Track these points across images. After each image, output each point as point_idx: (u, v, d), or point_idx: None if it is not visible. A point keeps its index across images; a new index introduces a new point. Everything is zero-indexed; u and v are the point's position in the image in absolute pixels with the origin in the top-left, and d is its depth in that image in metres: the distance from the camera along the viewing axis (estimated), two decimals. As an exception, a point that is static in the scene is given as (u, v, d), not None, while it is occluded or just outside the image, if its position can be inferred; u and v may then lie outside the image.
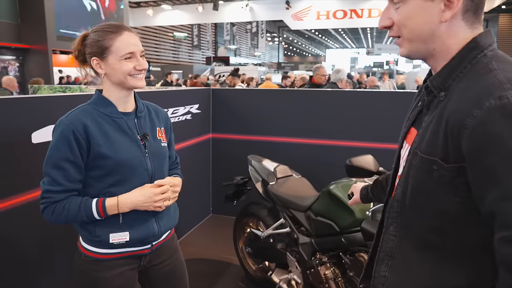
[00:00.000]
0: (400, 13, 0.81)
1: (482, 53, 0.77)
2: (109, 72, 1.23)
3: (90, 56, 1.24)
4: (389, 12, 0.84)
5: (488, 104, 0.68)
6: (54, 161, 1.19)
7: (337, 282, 1.88)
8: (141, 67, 1.23)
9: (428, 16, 0.78)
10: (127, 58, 1.21)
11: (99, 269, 1.27)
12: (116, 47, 1.20)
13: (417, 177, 0.82)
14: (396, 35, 0.85)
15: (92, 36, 1.23)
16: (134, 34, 1.25)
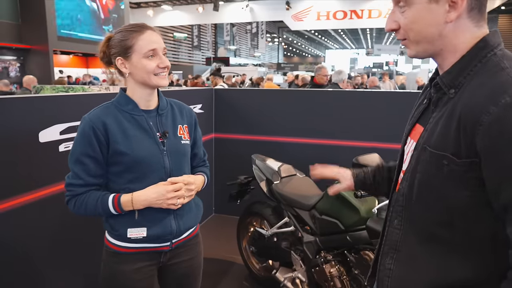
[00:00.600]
0: (407, 16, 0.83)
1: (492, 52, 0.79)
2: (133, 71, 1.25)
3: (114, 56, 1.26)
4: (395, 15, 0.85)
5: (504, 101, 0.70)
6: (76, 156, 1.23)
7: (342, 280, 1.90)
8: (163, 64, 1.24)
9: (434, 18, 0.80)
10: (150, 56, 1.22)
11: (119, 261, 1.30)
12: (139, 45, 1.22)
13: (425, 171, 0.83)
14: (402, 37, 0.86)
15: (116, 37, 1.25)
16: (156, 33, 1.26)
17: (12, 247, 1.79)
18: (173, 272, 1.41)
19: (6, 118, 1.72)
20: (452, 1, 0.78)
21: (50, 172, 1.97)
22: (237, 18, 20.36)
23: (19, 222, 1.80)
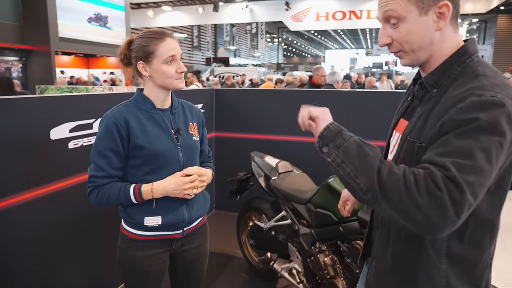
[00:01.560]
0: (401, 30, 0.92)
1: (470, 58, 0.92)
2: (154, 75, 1.36)
3: (136, 60, 1.37)
4: (387, 31, 0.95)
5: (470, 99, 0.82)
6: (99, 150, 1.34)
7: (335, 269, 2.02)
8: (181, 69, 1.37)
9: (425, 28, 0.91)
10: (169, 62, 1.34)
11: (134, 247, 1.42)
12: (160, 52, 1.33)
13: (406, 157, 0.96)
14: (397, 50, 0.96)
15: (138, 41, 1.37)
16: (175, 40, 1.38)
17: (26, 238, 1.90)
18: (182, 258, 1.53)
19: (21, 117, 1.83)
20: (439, 12, 0.89)
21: (60, 168, 2.09)
22: (236, 18, 20.46)
23: (32, 214, 1.92)
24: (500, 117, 0.79)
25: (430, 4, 0.89)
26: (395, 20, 0.92)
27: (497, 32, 27.02)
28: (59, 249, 2.11)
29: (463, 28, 23.70)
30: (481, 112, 0.79)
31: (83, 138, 2.21)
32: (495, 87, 0.82)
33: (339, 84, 4.90)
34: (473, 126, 0.79)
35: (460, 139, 0.79)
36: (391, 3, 0.91)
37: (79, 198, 2.22)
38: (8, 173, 1.79)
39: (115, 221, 2.41)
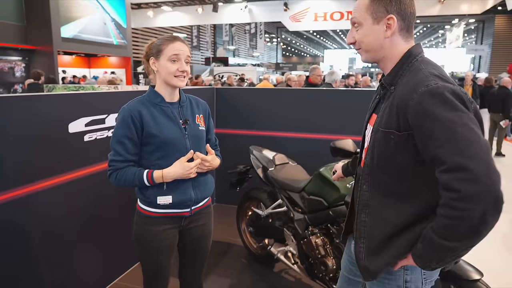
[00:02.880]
0: (359, 33, 1.19)
1: (415, 59, 1.15)
2: (159, 70, 1.58)
3: (150, 56, 1.61)
4: (352, 33, 1.22)
5: (421, 90, 1.04)
6: (117, 138, 1.55)
7: (326, 249, 2.23)
8: (182, 69, 1.57)
9: (377, 35, 1.16)
10: (173, 60, 1.55)
11: (148, 223, 1.63)
12: (167, 50, 1.56)
13: (380, 146, 1.17)
14: (358, 47, 1.22)
15: (155, 42, 1.61)
16: (184, 44, 1.59)
17: (46, 222, 2.12)
18: (190, 235, 1.74)
19: (43, 111, 2.05)
20: (387, 23, 1.13)
21: (77, 159, 2.30)
22: (236, 19, 20.63)
23: (52, 201, 2.13)
24: (446, 95, 1.01)
25: (381, 16, 1.14)
26: (357, 25, 1.19)
27: (494, 32, 27.21)
28: (76, 231, 2.33)
29: (460, 28, 23.86)
30: (434, 98, 1.01)
31: (96, 132, 2.42)
32: (434, 77, 1.05)
33: (337, 83, 5.12)
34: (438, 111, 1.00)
35: (438, 127, 1.00)
36: (356, 12, 1.19)
37: (94, 186, 2.44)
38: (31, 163, 2.00)
39: (125, 207, 2.65)
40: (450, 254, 1.04)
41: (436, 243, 1.02)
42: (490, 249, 3.49)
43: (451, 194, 0.97)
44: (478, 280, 1.67)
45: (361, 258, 1.24)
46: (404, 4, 1.14)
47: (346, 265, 1.49)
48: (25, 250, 2.00)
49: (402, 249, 1.15)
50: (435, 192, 1.04)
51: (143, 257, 1.70)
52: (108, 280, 2.67)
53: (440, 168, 1.00)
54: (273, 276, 2.87)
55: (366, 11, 1.15)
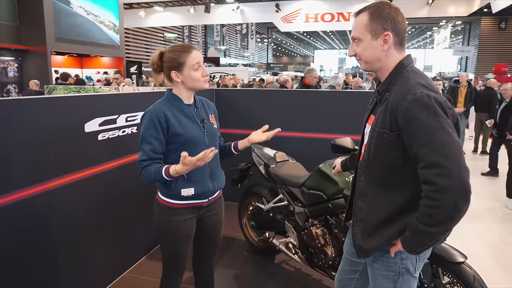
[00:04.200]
0: (360, 47, 1.38)
1: (405, 69, 1.34)
2: (185, 80, 1.73)
3: (169, 69, 1.73)
4: (353, 47, 1.40)
5: (409, 98, 1.23)
6: (146, 138, 1.69)
7: (325, 239, 2.41)
8: (205, 73, 1.74)
9: (375, 49, 1.35)
10: (196, 68, 1.71)
11: (171, 213, 1.78)
12: (189, 62, 1.70)
13: (376, 143, 1.36)
14: (358, 59, 1.41)
15: (169, 55, 1.73)
16: (197, 50, 1.74)
17: (62, 216, 2.26)
18: (205, 223, 1.91)
19: (62, 112, 2.19)
20: (384, 39, 1.32)
21: (92, 156, 2.44)
22: (228, 19, 20.76)
23: (70, 196, 2.27)
24: (430, 103, 1.20)
25: (379, 33, 1.33)
26: (357, 41, 1.38)
27: (480, 34, 27.82)
28: (90, 226, 2.48)
29: (447, 30, 24.37)
30: (419, 106, 1.20)
31: (109, 131, 2.57)
32: (421, 87, 1.24)
33: (340, 86, 5.36)
34: (422, 117, 1.19)
35: (420, 130, 1.19)
36: (355, 30, 1.37)
37: (107, 183, 2.58)
38: (51, 160, 2.14)
39: (135, 203, 2.82)
40: (431, 238, 1.25)
41: (420, 229, 1.23)
42: (473, 237, 3.72)
43: (429, 187, 1.17)
44: (462, 262, 1.87)
45: (357, 238, 1.44)
46: (398, 22, 1.33)
47: (348, 248, 1.67)
48: (45, 242, 2.13)
49: (392, 235, 1.35)
50: (418, 185, 1.24)
51: (165, 245, 1.86)
52: (118, 272, 2.81)
53: (420, 165, 1.21)
54: (274, 266, 3.04)
55: (365, 28, 1.34)
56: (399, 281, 1.40)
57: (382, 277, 1.43)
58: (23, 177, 1.97)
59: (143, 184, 2.86)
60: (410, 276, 1.41)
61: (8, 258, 1.92)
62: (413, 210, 1.28)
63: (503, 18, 25.51)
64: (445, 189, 1.14)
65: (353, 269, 1.67)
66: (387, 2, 1.36)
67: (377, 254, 1.43)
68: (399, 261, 1.39)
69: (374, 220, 1.39)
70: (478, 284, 1.84)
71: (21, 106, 1.94)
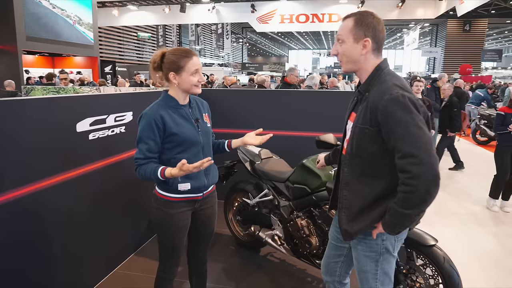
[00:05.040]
0: (342, 48, 1.54)
1: (383, 72, 1.52)
2: (181, 83, 1.83)
3: (168, 70, 1.83)
4: (337, 47, 1.57)
5: (386, 97, 1.40)
6: (143, 138, 1.78)
7: (310, 229, 2.58)
8: (201, 80, 1.85)
9: (355, 51, 1.52)
10: (194, 74, 1.82)
11: (169, 207, 1.89)
12: (188, 67, 1.81)
13: (357, 137, 1.52)
14: (340, 59, 1.58)
15: (170, 57, 1.82)
16: (198, 57, 1.85)
17: (55, 214, 2.32)
18: (200, 216, 2.03)
19: (54, 113, 2.25)
20: (364, 44, 1.49)
21: (83, 155, 2.51)
22: (203, 19, 20.73)
23: (60, 195, 2.33)
24: (405, 102, 1.37)
25: (360, 38, 1.50)
26: (341, 41, 1.55)
27: (447, 35, 28.99)
28: (82, 223, 2.54)
29: (416, 32, 25.29)
30: (396, 105, 1.37)
31: (99, 131, 2.63)
32: (397, 87, 1.42)
33: (317, 86, 5.59)
34: (398, 114, 1.37)
35: (397, 125, 1.37)
36: (341, 31, 1.54)
37: (98, 181, 2.65)
38: (44, 160, 2.19)
39: (124, 200, 2.91)
40: (408, 219, 1.43)
41: (398, 212, 1.41)
42: (443, 223, 4.00)
43: (405, 174, 1.36)
44: (434, 245, 2.08)
45: (343, 224, 1.61)
46: (378, 31, 1.50)
47: (333, 234, 1.83)
48: (37, 240, 2.18)
49: (374, 219, 1.52)
50: (395, 173, 1.41)
51: (162, 236, 1.96)
52: (109, 269, 2.88)
53: (397, 155, 1.39)
54: (260, 258, 3.19)
55: (349, 32, 1.51)
56: (380, 260, 1.58)
57: (365, 257, 1.60)
58: (18, 177, 2.02)
59: (131, 182, 2.96)
60: (390, 256, 1.59)
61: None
62: (391, 196, 1.45)
63: (467, 20, 26.68)
64: (418, 176, 1.32)
65: (338, 253, 1.84)
66: (371, 13, 1.53)
67: (360, 237, 1.59)
68: (380, 242, 1.56)
69: (358, 206, 1.55)
70: (448, 264, 2.05)
71: (16, 107, 1.99)
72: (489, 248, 3.63)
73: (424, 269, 2.16)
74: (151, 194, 1.98)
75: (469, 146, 8.78)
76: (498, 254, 3.50)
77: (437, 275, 2.09)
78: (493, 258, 3.42)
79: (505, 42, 50.01)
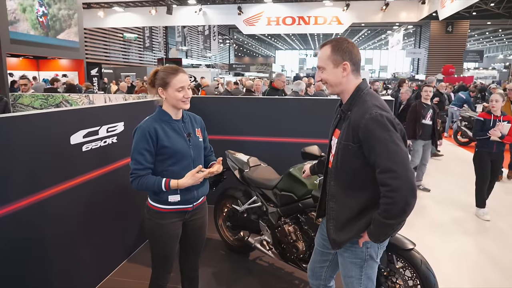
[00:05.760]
0: (324, 74, 1.67)
1: (362, 92, 1.65)
2: (168, 98, 1.95)
3: (157, 86, 1.95)
4: (319, 74, 1.70)
5: (367, 116, 1.53)
6: (138, 150, 1.89)
7: (296, 235, 2.70)
8: (187, 96, 1.94)
9: (337, 75, 1.65)
10: (180, 90, 1.93)
11: (160, 217, 1.99)
12: (174, 83, 1.92)
13: (342, 153, 1.65)
14: (325, 83, 1.70)
15: (160, 73, 1.94)
16: (185, 74, 1.95)
17: (52, 224, 2.39)
18: (190, 226, 2.13)
19: (50, 127, 2.32)
20: (343, 67, 1.62)
21: (77, 167, 2.58)
22: (190, 21, 20.72)
23: (57, 205, 2.40)
24: (383, 121, 1.50)
25: (339, 63, 1.63)
26: (322, 69, 1.68)
27: (430, 36, 29.59)
28: (76, 232, 2.61)
29: (400, 33, 25.77)
30: (375, 123, 1.50)
31: (92, 142, 2.70)
32: (376, 107, 1.55)
33: (303, 92, 5.74)
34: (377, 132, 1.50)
35: (376, 142, 1.50)
36: (320, 60, 1.67)
37: (91, 191, 2.73)
38: (42, 173, 2.26)
39: (116, 208, 2.99)
40: (390, 228, 1.56)
41: (381, 222, 1.54)
42: (421, 229, 4.19)
43: (385, 188, 1.49)
44: (412, 249, 2.22)
45: (331, 233, 1.73)
46: (354, 54, 1.64)
47: (319, 241, 1.96)
48: (34, 248, 2.26)
49: (360, 229, 1.65)
50: (377, 186, 1.54)
51: (155, 245, 2.06)
52: (103, 276, 2.95)
53: (377, 170, 1.52)
54: (249, 262, 3.30)
55: (328, 59, 1.64)
56: (365, 266, 1.72)
57: (351, 263, 1.74)
58: (19, 189, 2.10)
59: (122, 190, 3.04)
60: (373, 262, 1.73)
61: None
62: (375, 207, 1.58)
63: (450, 22, 27.29)
64: (397, 188, 1.45)
65: (323, 258, 1.96)
66: (345, 38, 1.67)
67: (347, 245, 1.72)
68: (365, 250, 1.70)
69: (345, 217, 1.68)
70: (425, 266, 2.20)
71: (14, 122, 2.06)
72: (467, 250, 3.82)
73: (403, 271, 2.30)
74: (141, 202, 2.08)
75: (450, 147, 9.06)
76: (475, 256, 3.69)
77: (415, 277, 2.23)
78: (471, 259, 3.61)
79: (486, 43, 51.21)
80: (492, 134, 4.37)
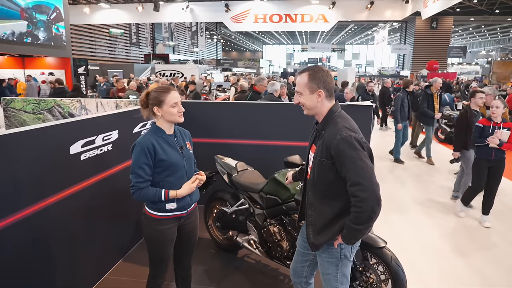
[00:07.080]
0: (302, 98, 1.90)
1: (334, 114, 1.88)
2: (164, 115, 2.14)
3: (152, 105, 2.14)
4: (297, 97, 1.92)
5: (338, 137, 1.76)
6: (138, 164, 2.08)
7: (281, 235, 2.94)
8: (181, 110, 2.16)
9: (312, 100, 1.87)
10: (174, 106, 2.13)
11: (158, 224, 2.19)
12: (168, 100, 2.12)
13: (318, 167, 1.88)
14: (302, 105, 1.92)
15: (153, 94, 2.14)
16: (176, 91, 2.15)
17: (54, 228, 2.57)
18: (184, 229, 2.34)
19: (50, 140, 2.49)
20: (318, 94, 1.85)
21: (75, 175, 2.76)
22: (177, 18, 20.67)
23: (59, 210, 2.58)
24: (351, 141, 1.73)
25: (314, 90, 1.85)
26: (299, 93, 1.90)
27: (415, 32, 30.08)
28: (76, 235, 2.80)
29: (385, 30, 26.15)
30: (345, 143, 1.74)
31: (89, 151, 2.88)
32: (345, 129, 1.78)
33: (277, 92, 5.89)
34: (346, 151, 1.73)
35: (346, 160, 1.73)
36: (298, 86, 1.90)
37: (89, 196, 2.91)
38: (45, 182, 2.44)
39: (112, 211, 3.18)
40: (359, 233, 1.80)
41: (352, 227, 1.78)
42: (401, 221, 4.48)
43: (354, 198, 1.73)
44: (383, 247, 2.48)
45: (310, 237, 1.97)
46: (327, 82, 1.87)
47: (300, 243, 2.20)
48: (35, 251, 2.43)
49: (335, 233, 1.89)
50: (349, 196, 1.77)
51: (153, 249, 2.27)
52: (100, 275, 3.15)
53: (348, 184, 1.76)
54: (238, 260, 3.54)
55: (305, 86, 1.87)
56: (340, 264, 1.97)
57: (328, 263, 1.98)
58: (26, 198, 2.27)
59: (118, 194, 3.23)
60: (347, 260, 1.98)
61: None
62: (347, 213, 1.82)
63: (434, 18, 27.80)
64: (365, 199, 1.69)
65: (304, 259, 2.20)
66: (321, 67, 1.90)
67: (324, 247, 1.97)
68: (340, 250, 1.94)
69: (321, 223, 1.92)
70: (395, 262, 2.46)
71: (21, 137, 2.23)
72: (439, 245, 4.12)
73: (376, 267, 2.56)
74: (134, 204, 2.28)
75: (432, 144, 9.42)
76: (446, 250, 3.99)
77: (387, 272, 2.50)
78: (442, 253, 3.91)
79: (470, 39, 52.17)
80: (490, 141, 4.28)
